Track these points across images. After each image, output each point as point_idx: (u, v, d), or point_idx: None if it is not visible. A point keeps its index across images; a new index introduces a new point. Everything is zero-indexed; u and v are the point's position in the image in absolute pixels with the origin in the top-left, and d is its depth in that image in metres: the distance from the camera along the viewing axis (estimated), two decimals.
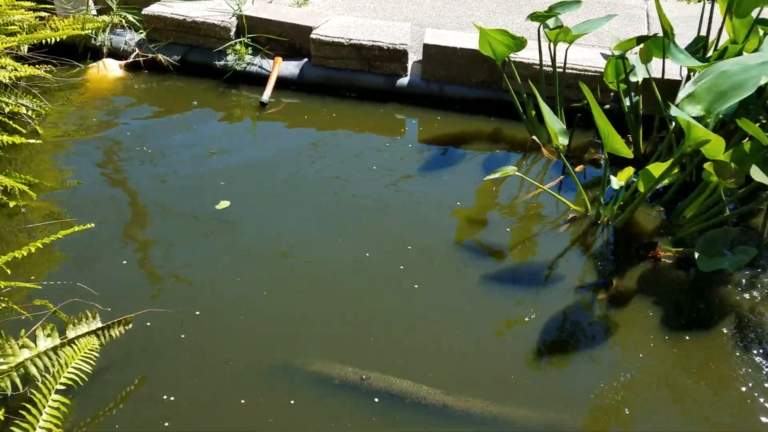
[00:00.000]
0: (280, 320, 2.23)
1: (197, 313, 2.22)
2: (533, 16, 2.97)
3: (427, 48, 3.55)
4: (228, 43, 3.77)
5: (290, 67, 3.75)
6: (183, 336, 2.14)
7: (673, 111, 2.13)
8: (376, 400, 1.95)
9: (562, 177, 3.06)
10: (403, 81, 3.67)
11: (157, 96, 3.64)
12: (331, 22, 3.77)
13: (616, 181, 2.59)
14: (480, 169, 3.11)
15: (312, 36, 3.65)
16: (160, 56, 3.79)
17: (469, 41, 3.49)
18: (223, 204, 2.77)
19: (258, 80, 3.72)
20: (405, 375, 2.03)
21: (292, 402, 1.93)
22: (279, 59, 3.75)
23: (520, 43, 2.99)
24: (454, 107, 3.61)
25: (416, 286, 2.38)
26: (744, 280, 2.47)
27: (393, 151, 3.24)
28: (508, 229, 2.71)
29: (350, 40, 3.60)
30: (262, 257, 2.50)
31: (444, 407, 1.97)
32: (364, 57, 3.64)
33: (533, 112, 3.25)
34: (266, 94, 3.57)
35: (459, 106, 3.62)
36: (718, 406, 2.00)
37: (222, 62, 3.77)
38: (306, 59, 3.78)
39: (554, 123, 2.61)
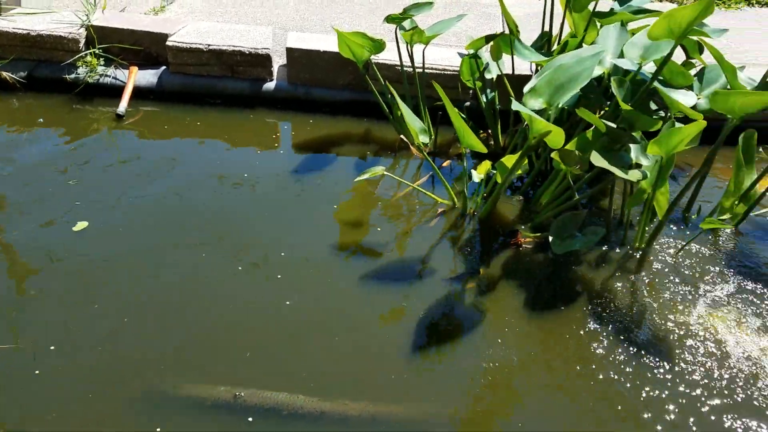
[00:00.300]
0: (145, 347, 2.12)
1: (52, 347, 2.07)
2: (389, 19, 3.02)
3: (291, 51, 3.53)
4: (77, 56, 3.55)
5: (147, 76, 3.58)
6: (37, 372, 1.99)
7: (515, 105, 2.24)
8: (251, 419, 1.91)
9: (430, 173, 3.15)
10: (270, 86, 3.62)
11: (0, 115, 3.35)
12: (188, 28, 3.65)
13: (476, 175, 2.70)
14: (353, 170, 3.13)
15: (168, 43, 3.51)
16: (3, 73, 3.51)
17: (333, 44, 3.49)
18: (81, 225, 2.61)
19: (113, 92, 3.53)
20: (284, 386, 2.00)
21: (159, 430, 1.85)
22: (134, 69, 3.58)
23: (378, 46, 3.03)
24: (324, 110, 3.61)
25: (293, 295, 2.35)
26: (596, 259, 2.66)
27: (264, 158, 3.18)
28: (379, 228, 2.75)
29: (209, 45, 3.50)
30: (120, 283, 2.36)
31: (321, 414, 1.96)
32: (226, 63, 3.55)
33: (399, 112, 3.31)
34: (122, 106, 3.39)
35: (328, 108, 3.62)
36: (577, 380, 2.13)
37: (73, 76, 3.54)
38: (164, 67, 3.63)
39: (414, 122, 2.67)
